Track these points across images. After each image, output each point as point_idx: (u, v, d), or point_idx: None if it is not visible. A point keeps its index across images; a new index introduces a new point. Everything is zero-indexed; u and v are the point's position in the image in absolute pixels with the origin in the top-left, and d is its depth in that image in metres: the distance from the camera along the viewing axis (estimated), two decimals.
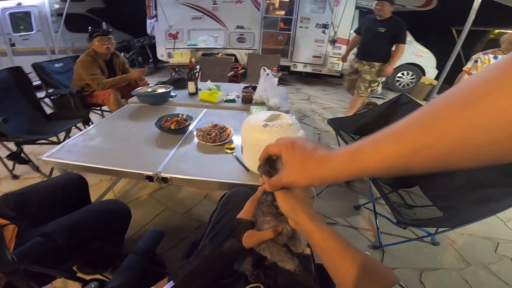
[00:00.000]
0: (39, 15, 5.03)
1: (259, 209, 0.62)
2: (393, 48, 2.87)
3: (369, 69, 2.96)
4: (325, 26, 4.96)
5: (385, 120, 2.26)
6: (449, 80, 3.66)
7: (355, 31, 3.20)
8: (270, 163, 0.52)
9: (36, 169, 2.10)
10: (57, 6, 5.38)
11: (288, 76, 5.89)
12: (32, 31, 5.03)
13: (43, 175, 2.09)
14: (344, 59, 3.46)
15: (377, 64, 2.93)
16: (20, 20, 4.93)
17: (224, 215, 0.83)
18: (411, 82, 5.33)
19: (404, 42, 2.78)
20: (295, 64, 5.40)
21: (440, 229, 1.45)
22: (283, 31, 5.29)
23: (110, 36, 2.39)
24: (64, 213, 0.98)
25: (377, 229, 1.67)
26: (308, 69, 5.42)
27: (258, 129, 0.97)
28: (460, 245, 1.71)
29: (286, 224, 0.58)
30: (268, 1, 5.22)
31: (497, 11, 4.08)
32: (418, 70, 5.21)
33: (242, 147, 1.12)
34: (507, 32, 2.13)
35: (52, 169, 2.02)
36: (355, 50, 3.23)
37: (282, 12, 5.44)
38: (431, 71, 5.15)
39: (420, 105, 2.10)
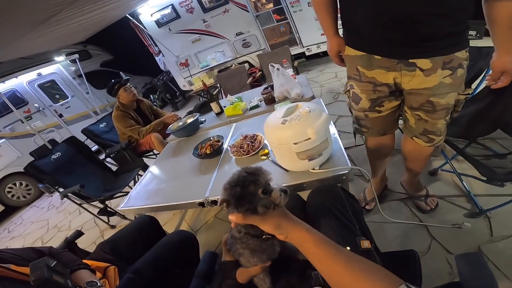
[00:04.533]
0: (64, 81, 5.40)
1: (235, 250, 0.69)
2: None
3: (452, 75, 0.98)
4: None
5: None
6: None
7: None
8: (248, 198, 0.56)
9: (123, 217, 2.51)
10: (72, 68, 5.69)
11: (307, 62, 5.68)
12: (68, 98, 5.44)
13: (130, 220, 2.45)
14: (340, 57, 1.25)
15: (462, 55, 0.97)
16: (52, 89, 5.29)
17: None
18: None
19: None
20: (308, 48, 5.19)
21: None
22: (281, 21, 5.15)
23: (129, 83, 2.56)
24: (146, 249, 1.15)
25: (469, 193, 1.38)
26: (323, 48, 5.10)
27: (278, 127, 0.98)
28: None
29: (273, 247, 0.67)
30: (252, 0, 5.14)
31: None
32: None
33: (271, 150, 1.14)
34: None
35: (135, 215, 2.33)
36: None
37: (271, 5, 5.30)
38: None
39: None
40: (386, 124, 1.26)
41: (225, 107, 2.13)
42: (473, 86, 1.49)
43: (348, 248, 0.63)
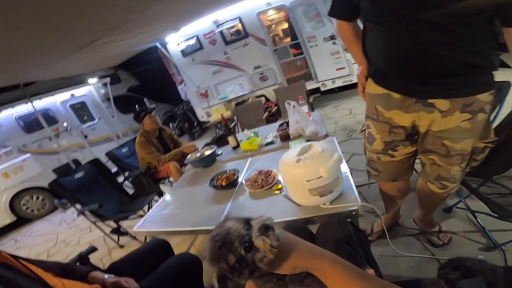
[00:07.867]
0: (93, 103, 5.72)
1: None
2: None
3: (471, 120, 0.92)
4: (332, 37, 4.90)
5: None
6: None
7: (333, 15, 1.14)
8: (239, 266, 0.47)
9: (134, 238, 2.57)
10: (102, 91, 6.10)
11: (322, 97, 5.80)
12: (95, 120, 5.74)
13: (140, 242, 2.53)
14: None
15: (485, 98, 0.89)
16: (81, 110, 5.64)
17: None
18: None
19: None
20: (323, 83, 5.33)
21: None
22: (297, 56, 5.36)
23: (154, 112, 2.75)
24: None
25: (483, 229, 1.41)
26: (338, 83, 5.26)
27: (293, 165, 1.05)
28: None
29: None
30: (271, 34, 5.37)
31: None
32: None
33: (285, 185, 1.21)
34: None
35: (145, 237, 2.38)
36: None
37: (289, 39, 5.56)
38: None
39: None
40: (397, 170, 1.22)
41: (241, 141, 2.17)
42: None
43: None
